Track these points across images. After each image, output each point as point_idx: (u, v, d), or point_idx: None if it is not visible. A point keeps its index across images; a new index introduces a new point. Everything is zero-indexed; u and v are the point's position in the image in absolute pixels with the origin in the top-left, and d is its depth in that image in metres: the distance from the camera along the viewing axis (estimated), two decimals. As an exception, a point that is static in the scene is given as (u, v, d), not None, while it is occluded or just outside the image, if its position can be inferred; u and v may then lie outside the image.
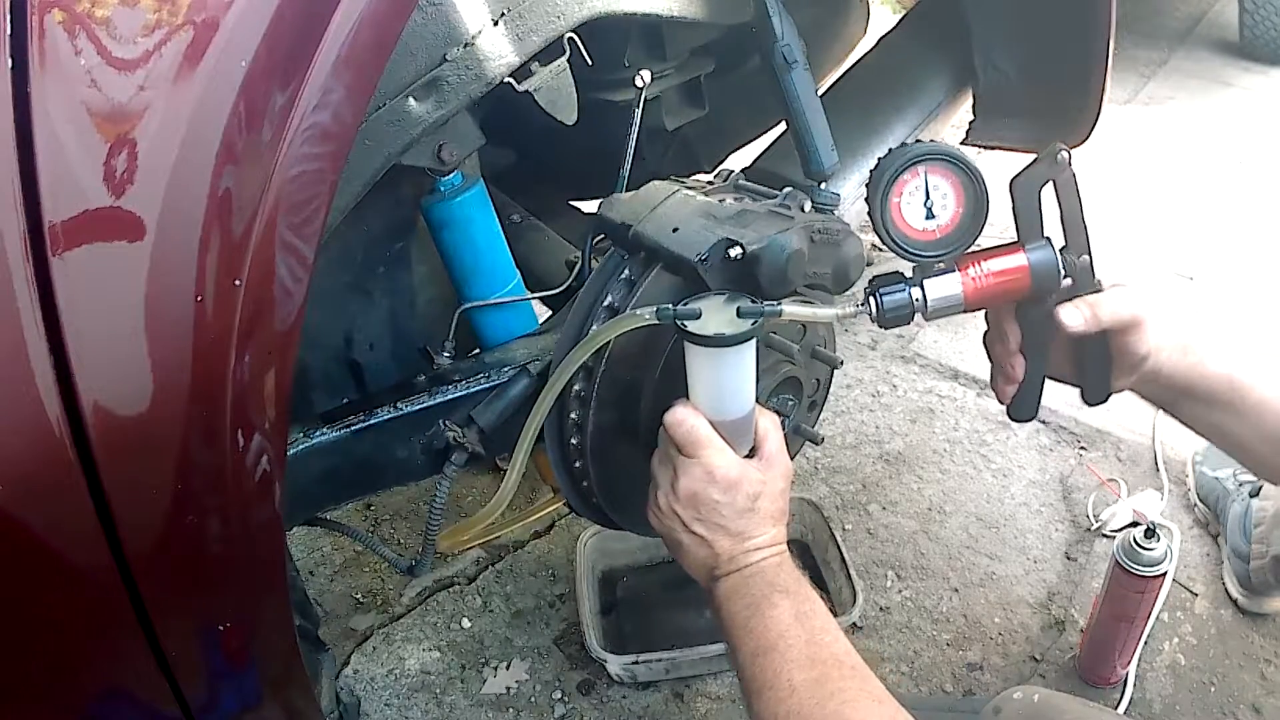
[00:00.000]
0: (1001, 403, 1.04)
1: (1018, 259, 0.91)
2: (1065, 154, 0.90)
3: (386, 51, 0.70)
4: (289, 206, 0.64)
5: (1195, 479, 1.81)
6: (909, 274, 0.92)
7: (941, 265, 0.91)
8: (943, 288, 0.91)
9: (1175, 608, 1.61)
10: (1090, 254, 0.94)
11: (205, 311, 0.60)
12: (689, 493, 0.87)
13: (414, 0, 0.71)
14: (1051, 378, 1.01)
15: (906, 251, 0.91)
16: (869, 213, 0.91)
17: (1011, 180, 0.92)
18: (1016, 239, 0.92)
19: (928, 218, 0.90)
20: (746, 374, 0.88)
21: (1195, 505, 1.79)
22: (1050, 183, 0.91)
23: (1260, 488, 1.63)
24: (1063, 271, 0.92)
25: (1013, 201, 0.92)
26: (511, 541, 1.80)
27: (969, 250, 0.92)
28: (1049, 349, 0.98)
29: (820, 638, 0.82)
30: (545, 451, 1.04)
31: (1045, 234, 0.92)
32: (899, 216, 0.89)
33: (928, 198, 0.89)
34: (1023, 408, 1.03)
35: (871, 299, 0.92)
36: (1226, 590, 1.64)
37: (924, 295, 0.91)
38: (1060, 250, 0.93)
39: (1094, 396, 1.01)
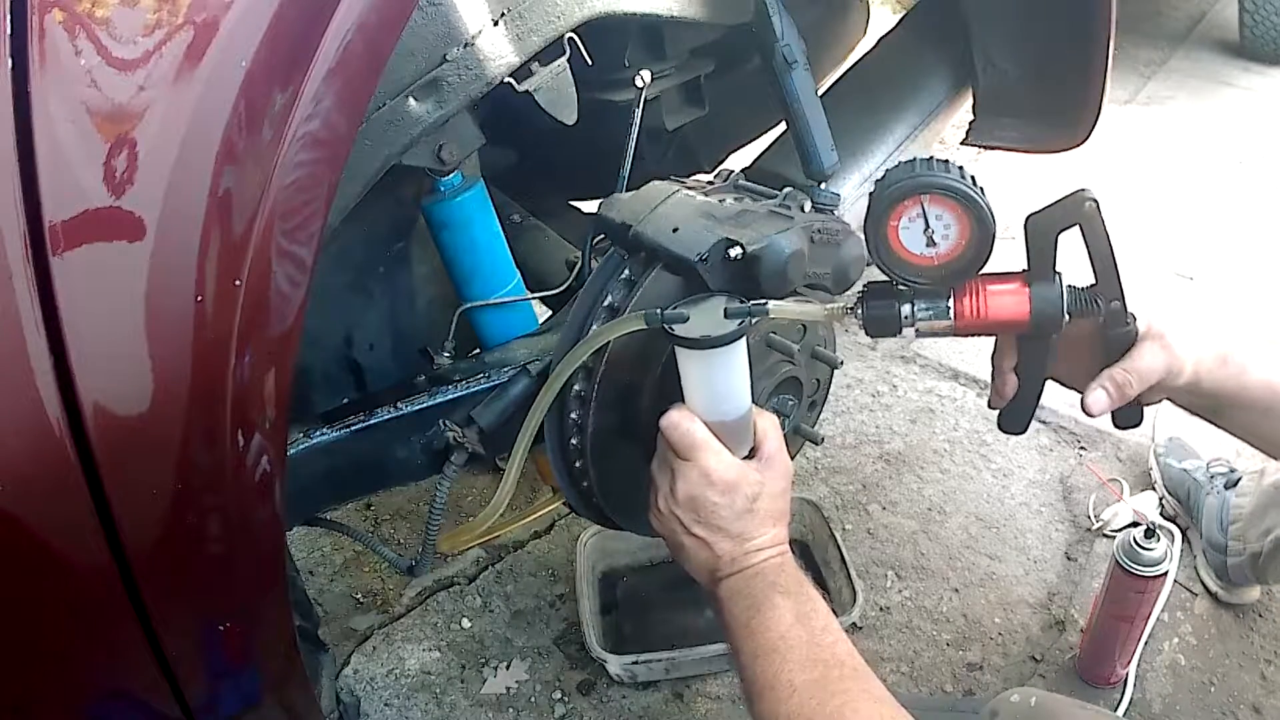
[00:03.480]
0: (992, 409, 1.03)
1: (1020, 298, 0.88)
2: (1093, 203, 0.86)
3: (387, 50, 0.70)
4: (289, 206, 0.64)
5: (1161, 471, 1.81)
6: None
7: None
8: (934, 310, 0.89)
9: (1175, 608, 1.61)
10: (1123, 297, 0.91)
11: (205, 311, 0.60)
12: (687, 495, 0.87)
13: None
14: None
15: (899, 277, 0.88)
16: (864, 231, 0.88)
17: (1027, 219, 0.88)
18: (1026, 269, 0.89)
19: (928, 245, 0.86)
20: (739, 375, 0.88)
21: (1163, 498, 1.79)
22: (1076, 227, 0.87)
23: (1238, 480, 1.63)
24: (1068, 317, 0.89)
25: (1026, 240, 0.88)
26: (511, 541, 1.80)
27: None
28: (1045, 378, 0.97)
29: (821, 638, 0.82)
30: (545, 451, 1.04)
31: (1056, 270, 0.88)
32: (895, 240, 0.87)
33: (928, 226, 0.86)
34: (1011, 422, 1.02)
35: (861, 306, 0.90)
36: (1202, 581, 1.64)
37: (913, 314, 0.90)
38: (1089, 288, 0.91)
39: (1126, 423, 0.99)
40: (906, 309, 0.89)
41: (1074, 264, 0.92)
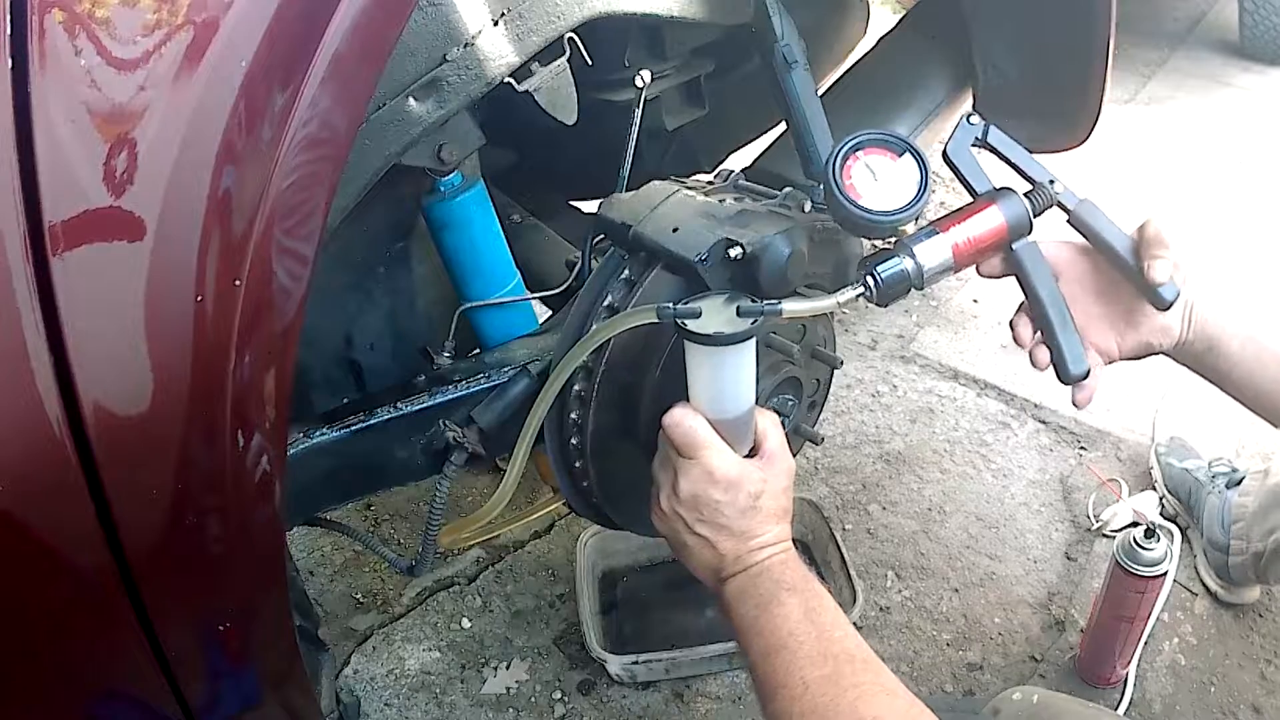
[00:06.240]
0: (1039, 369, 1.05)
1: (993, 214, 0.96)
2: (976, 115, 0.99)
3: (387, 50, 0.70)
4: (289, 206, 0.64)
5: (1162, 471, 1.81)
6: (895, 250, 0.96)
7: (924, 231, 0.95)
8: (933, 252, 0.94)
9: (1175, 608, 1.61)
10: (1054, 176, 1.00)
11: (205, 311, 0.60)
12: (690, 494, 0.87)
13: None
14: (1125, 357, 1.07)
15: (879, 222, 0.92)
16: (829, 208, 0.92)
17: (943, 153, 0.99)
18: (975, 197, 0.98)
19: (881, 191, 0.92)
20: (746, 373, 0.88)
21: (1164, 498, 1.79)
22: (981, 144, 0.99)
23: (1242, 479, 1.63)
24: (1032, 209, 0.97)
25: (952, 168, 0.98)
26: (511, 541, 1.80)
27: (929, 213, 0.97)
28: (1052, 277, 1.01)
29: (830, 633, 0.82)
30: (545, 451, 1.04)
31: (997, 185, 0.98)
32: (858, 197, 0.91)
33: (874, 175, 0.92)
34: (1066, 367, 1.01)
35: (869, 277, 0.93)
36: (1202, 581, 1.65)
37: (917, 263, 0.93)
38: (1033, 190, 0.99)
39: (1163, 300, 1.04)
40: (910, 262, 0.93)
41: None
